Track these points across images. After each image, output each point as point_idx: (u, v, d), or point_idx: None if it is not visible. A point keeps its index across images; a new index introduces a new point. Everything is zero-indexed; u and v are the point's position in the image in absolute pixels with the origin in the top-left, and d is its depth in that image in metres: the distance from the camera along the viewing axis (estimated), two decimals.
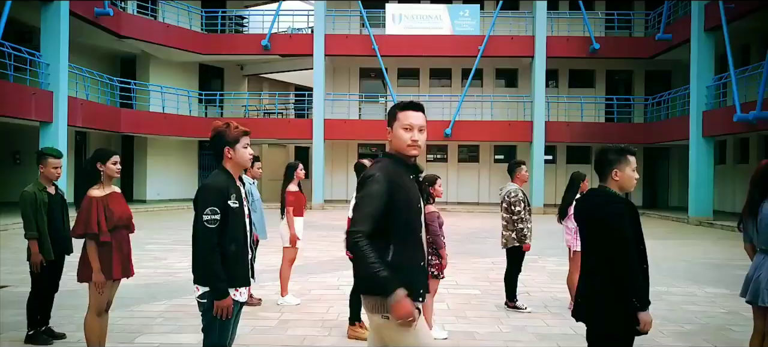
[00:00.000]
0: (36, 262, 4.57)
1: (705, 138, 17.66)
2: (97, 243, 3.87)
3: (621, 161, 3.03)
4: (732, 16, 16.02)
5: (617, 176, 3.03)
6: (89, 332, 3.96)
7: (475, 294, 7.09)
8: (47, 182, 4.79)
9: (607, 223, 2.98)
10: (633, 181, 3.05)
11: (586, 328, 3.17)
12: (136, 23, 20.23)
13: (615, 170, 3.04)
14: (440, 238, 5.02)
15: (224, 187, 2.91)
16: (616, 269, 2.92)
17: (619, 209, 2.96)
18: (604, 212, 3.02)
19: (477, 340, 5.16)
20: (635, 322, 2.87)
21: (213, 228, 2.82)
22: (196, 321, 5.41)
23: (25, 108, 14.45)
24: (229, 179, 2.98)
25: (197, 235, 2.84)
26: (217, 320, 2.89)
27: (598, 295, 2.99)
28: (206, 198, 2.87)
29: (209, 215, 2.81)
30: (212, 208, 2.82)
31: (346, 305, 5.59)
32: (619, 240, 2.92)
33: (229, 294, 2.89)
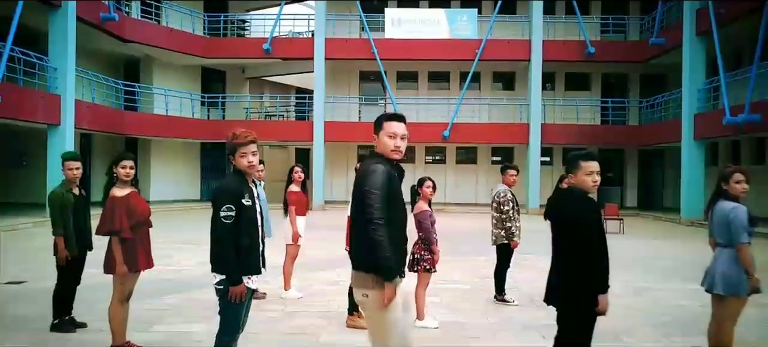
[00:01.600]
0: (62, 257, 4.99)
1: (696, 141, 18.09)
2: (120, 239, 4.28)
3: (575, 167, 3.45)
4: (722, 21, 16.44)
5: (572, 180, 3.44)
6: (113, 319, 4.38)
7: (467, 288, 7.50)
8: (71, 183, 5.18)
9: (573, 219, 3.39)
10: (588, 183, 3.44)
11: (556, 312, 3.57)
12: (140, 28, 20.65)
13: (571, 175, 3.45)
14: (432, 235, 5.42)
15: (238, 188, 3.31)
16: (580, 259, 3.33)
17: (583, 207, 3.37)
18: (571, 209, 3.43)
19: (466, 330, 5.56)
20: (595, 304, 3.27)
21: (229, 223, 3.22)
22: (205, 312, 5.85)
23: (34, 111, 14.87)
24: (242, 181, 3.38)
25: (215, 229, 3.25)
26: (231, 304, 3.30)
27: (565, 282, 3.40)
28: (223, 197, 3.27)
29: (225, 211, 3.21)
30: (228, 206, 3.22)
31: (345, 298, 6.01)
32: (583, 234, 3.33)
33: (243, 281, 3.30)
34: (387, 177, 2.96)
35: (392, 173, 3.02)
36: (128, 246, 4.33)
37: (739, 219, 4.06)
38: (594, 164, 3.51)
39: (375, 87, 24.95)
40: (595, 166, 3.51)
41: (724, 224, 4.16)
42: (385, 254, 2.86)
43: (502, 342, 5.22)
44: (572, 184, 3.51)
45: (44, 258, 9.53)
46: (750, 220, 4.09)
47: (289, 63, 24.67)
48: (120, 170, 4.44)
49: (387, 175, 2.96)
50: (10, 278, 7.84)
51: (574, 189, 3.51)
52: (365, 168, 3.05)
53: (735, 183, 4.23)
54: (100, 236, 4.51)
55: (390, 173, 2.99)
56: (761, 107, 14.85)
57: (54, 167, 15.77)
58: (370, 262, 2.94)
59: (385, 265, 2.88)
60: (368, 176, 2.97)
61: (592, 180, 3.47)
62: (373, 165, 3.01)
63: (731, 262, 4.09)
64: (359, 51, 22.79)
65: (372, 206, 2.90)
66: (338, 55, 22.81)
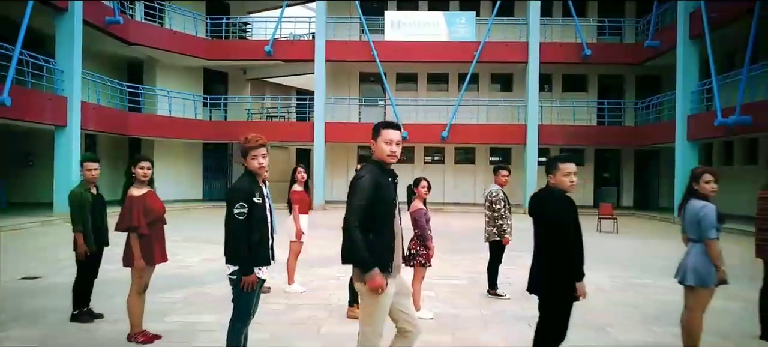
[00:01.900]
0: (81, 252, 5.35)
1: (690, 142, 18.43)
2: (138, 235, 4.64)
3: (554, 169, 3.80)
4: (714, 25, 16.79)
5: (552, 180, 3.79)
6: (131, 309, 4.75)
7: (462, 283, 7.86)
8: (89, 183, 5.54)
9: (553, 218, 3.74)
10: (566, 183, 3.80)
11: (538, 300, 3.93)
12: (144, 30, 20.99)
13: (551, 176, 3.80)
14: (426, 231, 5.78)
15: (249, 187, 3.67)
16: (559, 253, 3.69)
17: (560, 205, 3.72)
18: (551, 208, 3.79)
19: (459, 321, 5.92)
20: (573, 290, 3.62)
21: (241, 220, 3.58)
22: (213, 305, 6.23)
23: (42, 113, 15.23)
24: (253, 181, 3.73)
25: (229, 224, 3.61)
26: (244, 292, 3.66)
27: (545, 272, 3.75)
28: (236, 196, 3.63)
29: (238, 209, 3.57)
30: (241, 203, 3.58)
31: (344, 293, 6.37)
32: (562, 232, 3.68)
33: (254, 272, 3.66)
34: (371, 185, 3.29)
35: (380, 180, 3.33)
36: (145, 241, 4.70)
37: (708, 217, 4.42)
38: (571, 166, 3.86)
39: (375, 88, 25.30)
40: (572, 168, 3.85)
41: (694, 221, 4.52)
42: (358, 252, 3.21)
43: (492, 332, 5.58)
44: (552, 184, 3.86)
45: (55, 255, 9.95)
46: (718, 217, 4.45)
47: (290, 65, 24.97)
48: (138, 171, 4.80)
49: (371, 182, 3.29)
50: (26, 273, 8.18)
51: (554, 189, 3.86)
52: (354, 178, 3.41)
53: (705, 183, 4.58)
54: (118, 232, 4.87)
55: (376, 181, 3.32)
56: (752, 109, 15.20)
57: (61, 167, 16.17)
58: (348, 258, 3.31)
59: (359, 259, 3.24)
60: (352, 185, 3.35)
61: (569, 181, 3.82)
62: (359, 173, 3.38)
63: (701, 256, 4.45)
64: (359, 53, 23.14)
65: (349, 212, 3.27)
66: (338, 57, 23.16)
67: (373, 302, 3.29)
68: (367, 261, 3.22)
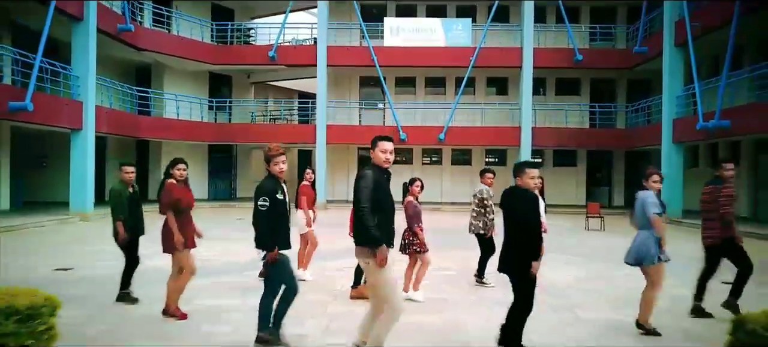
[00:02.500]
0: (122, 238, 6.24)
1: (675, 144, 19.29)
2: (175, 215, 5.52)
3: (521, 172, 4.66)
4: (697, 34, 17.65)
5: (520, 181, 4.66)
6: (170, 290, 5.61)
7: (454, 274, 8.72)
8: (126, 183, 6.42)
9: (521, 214, 4.60)
10: (531, 185, 4.66)
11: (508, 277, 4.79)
12: (153, 37, 21.86)
13: (518, 177, 4.66)
14: (413, 220, 6.66)
15: (272, 187, 4.58)
16: (524, 240, 4.55)
17: (529, 204, 4.58)
18: (519, 206, 4.64)
19: (446, 304, 6.79)
20: (529, 268, 4.49)
21: (264, 211, 4.49)
22: (231, 292, 7.13)
23: (60, 117, 16.10)
24: (276, 182, 4.62)
25: (256, 216, 4.51)
26: (273, 269, 4.60)
27: (515, 256, 4.61)
28: (260, 193, 4.55)
29: (262, 202, 4.47)
30: (264, 198, 4.48)
31: (348, 280, 7.23)
32: (526, 224, 4.55)
33: (275, 248, 4.59)
34: (374, 180, 4.22)
35: (379, 178, 4.28)
36: (181, 227, 5.57)
37: (649, 199, 5.36)
38: (536, 171, 4.73)
39: (374, 92, 26.16)
40: (536, 173, 4.72)
41: (640, 209, 5.43)
42: (371, 231, 4.14)
43: (476, 314, 6.43)
44: (519, 184, 4.72)
45: (81, 249, 10.83)
46: (660, 202, 5.38)
47: (292, 69, 25.87)
48: (176, 172, 5.69)
49: (374, 179, 4.23)
50: (57, 266, 9.04)
51: (519, 189, 4.72)
52: (359, 175, 4.32)
53: (653, 182, 5.47)
54: (162, 214, 5.76)
55: (377, 179, 4.25)
56: (731, 114, 16.07)
57: (77, 168, 17.03)
58: (363, 238, 4.20)
59: (372, 237, 4.15)
60: (359, 180, 4.28)
61: (533, 183, 4.69)
62: (363, 172, 4.30)
63: (644, 239, 5.40)
64: (359, 58, 24.01)
65: (361, 200, 4.19)
66: (339, 62, 24.03)
67: (382, 272, 4.18)
68: (378, 239, 4.15)
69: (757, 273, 6.54)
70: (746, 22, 15.92)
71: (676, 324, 5.93)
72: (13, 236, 12.98)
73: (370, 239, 4.16)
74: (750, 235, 14.38)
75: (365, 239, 4.21)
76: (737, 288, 6.08)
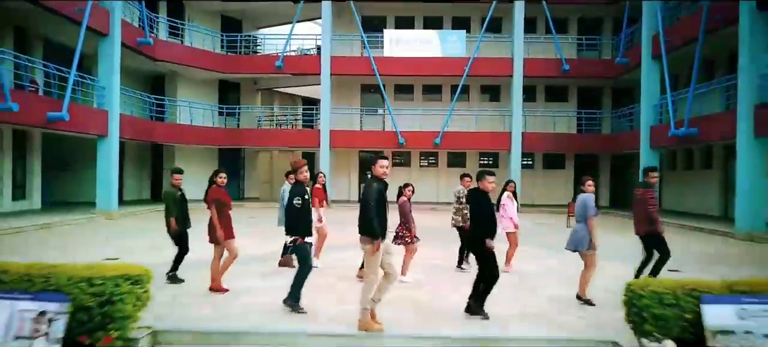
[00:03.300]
0: (173, 231, 7.85)
1: (652, 149, 20.88)
2: (218, 211, 7.13)
3: (482, 178, 6.27)
4: (670, 47, 19.25)
5: (481, 185, 6.27)
6: (213, 270, 7.25)
7: (439, 263, 10.31)
8: (175, 187, 8.04)
9: (482, 209, 6.22)
10: (489, 188, 6.27)
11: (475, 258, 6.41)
12: (168, 48, 23.48)
13: (480, 182, 6.28)
14: (409, 217, 8.26)
15: (301, 190, 6.19)
16: (484, 225, 6.17)
17: (487, 202, 6.20)
18: (483, 204, 6.26)
19: (431, 284, 8.39)
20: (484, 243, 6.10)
21: (297, 207, 6.08)
22: (255, 277, 8.72)
23: (89, 125, 17.71)
24: (302, 187, 6.24)
25: (290, 211, 6.11)
26: (301, 250, 6.21)
27: (474, 235, 6.24)
28: (294, 194, 6.16)
29: (297, 200, 6.08)
30: (298, 199, 6.07)
31: (353, 269, 8.81)
32: (487, 218, 6.17)
33: (304, 236, 6.19)
34: (377, 190, 5.79)
35: (380, 187, 5.85)
36: (224, 222, 7.18)
37: (589, 203, 6.94)
38: (493, 177, 6.36)
39: (375, 99, 27.76)
40: (493, 179, 6.35)
41: (581, 208, 7.02)
42: (374, 228, 5.70)
43: (456, 292, 8.01)
44: (481, 187, 6.33)
45: (121, 243, 12.42)
46: (595, 205, 6.99)
47: (297, 77, 27.45)
48: (218, 179, 7.30)
49: (377, 189, 5.80)
50: (105, 257, 10.64)
51: (480, 190, 6.34)
52: (367, 185, 5.90)
53: (588, 186, 7.07)
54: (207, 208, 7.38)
55: (379, 188, 5.83)
56: (698, 122, 17.66)
57: (102, 170, 18.63)
58: (367, 230, 5.79)
59: (374, 232, 5.72)
60: (367, 189, 5.85)
61: (491, 186, 6.31)
62: (370, 183, 5.88)
63: (579, 231, 6.98)
64: (361, 67, 25.62)
65: (369, 204, 5.76)
66: (342, 71, 25.64)
67: (374, 257, 5.78)
68: (378, 234, 5.74)
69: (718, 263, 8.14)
70: (710, 40, 17.50)
71: (612, 298, 7.53)
72: (52, 232, 14.60)
73: (372, 233, 5.74)
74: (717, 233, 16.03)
75: (368, 232, 5.79)
76: (656, 269, 7.68)
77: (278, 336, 5.71)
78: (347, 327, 5.94)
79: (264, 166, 31.16)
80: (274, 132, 27.74)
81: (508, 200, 9.44)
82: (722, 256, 12.15)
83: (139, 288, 5.33)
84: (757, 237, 14.45)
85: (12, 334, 4.94)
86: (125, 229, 15.55)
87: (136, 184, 25.72)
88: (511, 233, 9.46)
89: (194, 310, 6.70)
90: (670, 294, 5.07)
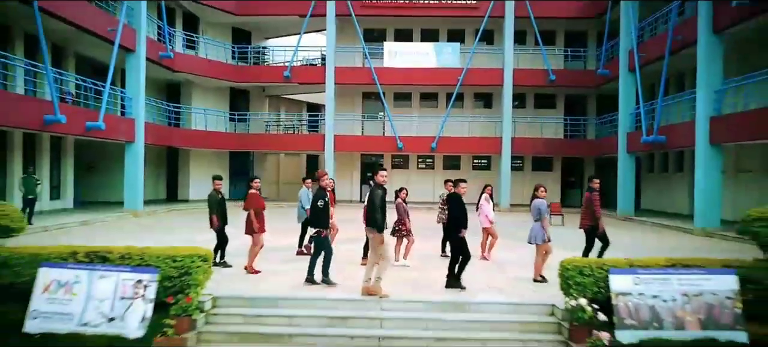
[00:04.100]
0: (216, 226, 9.86)
1: (628, 153, 22.88)
2: (254, 212, 9.15)
3: (457, 185, 8.29)
4: (642, 63, 21.25)
5: (456, 190, 8.29)
6: (251, 255, 9.26)
7: (430, 253, 12.28)
8: (217, 190, 10.03)
9: (452, 203, 8.24)
10: (462, 192, 8.29)
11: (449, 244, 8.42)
12: (186, 60, 25.47)
13: (456, 188, 8.30)
14: (404, 216, 10.27)
15: (323, 194, 8.19)
16: (458, 219, 8.18)
17: (461, 204, 8.22)
18: (456, 204, 8.27)
19: (422, 267, 10.38)
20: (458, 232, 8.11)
21: (321, 207, 8.09)
22: (278, 262, 10.71)
23: (119, 132, 19.71)
24: (323, 191, 8.25)
25: (314, 209, 8.12)
26: (323, 241, 8.21)
27: (450, 226, 8.26)
28: (318, 196, 8.18)
29: (321, 202, 8.10)
30: (321, 199, 8.08)
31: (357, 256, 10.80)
32: (458, 213, 8.18)
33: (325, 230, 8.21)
34: (381, 195, 7.78)
35: (382, 193, 7.84)
36: (259, 219, 9.18)
37: (542, 207, 8.93)
38: (465, 184, 8.38)
39: (375, 106, 29.72)
40: (465, 185, 8.37)
41: (535, 211, 9.02)
42: (380, 223, 7.69)
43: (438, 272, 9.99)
44: (456, 191, 8.34)
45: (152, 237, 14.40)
46: (546, 208, 8.98)
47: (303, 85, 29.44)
48: (254, 184, 9.29)
49: (381, 193, 7.79)
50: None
51: (455, 193, 8.35)
52: (372, 190, 7.91)
53: (540, 193, 9.08)
54: (245, 210, 9.37)
55: (381, 194, 7.81)
56: (666, 130, 19.66)
57: (130, 173, 20.62)
58: (374, 225, 7.79)
59: (379, 226, 7.71)
60: (373, 193, 7.85)
61: (463, 191, 8.33)
62: (376, 190, 7.87)
63: (534, 229, 9.00)
64: (362, 77, 27.63)
65: (375, 204, 7.74)
66: (345, 81, 27.64)
67: (382, 245, 7.78)
68: (382, 228, 7.73)
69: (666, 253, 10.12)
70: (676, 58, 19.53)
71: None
72: (92, 228, 16.61)
73: (378, 227, 7.74)
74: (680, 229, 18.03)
75: (375, 226, 7.78)
76: (600, 255, 9.68)
77: (306, 301, 7.74)
78: (353, 294, 7.95)
79: (271, 168, 33.17)
80: (281, 137, 29.79)
81: (485, 201, 11.40)
82: (673, 248, 14.11)
83: (205, 264, 7.36)
84: (714, 233, 16.41)
85: (118, 295, 6.97)
86: (153, 226, 17.54)
87: (153, 185, 27.70)
88: (486, 227, 11.37)
89: (237, 284, 8.71)
90: (587, 268, 7.08)
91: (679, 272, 6.94)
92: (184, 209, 23.83)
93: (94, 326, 6.82)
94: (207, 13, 27.39)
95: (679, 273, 6.93)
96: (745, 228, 7.29)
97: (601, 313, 6.75)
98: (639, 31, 22.34)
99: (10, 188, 17.69)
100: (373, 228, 7.79)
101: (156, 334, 6.67)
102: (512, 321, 7.37)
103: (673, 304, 6.73)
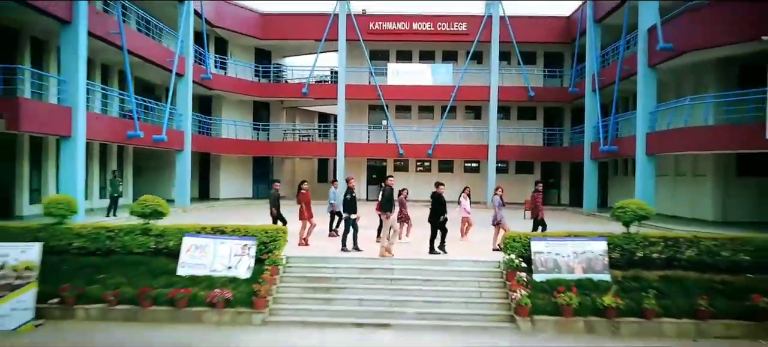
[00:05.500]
0: (274, 215, 14.36)
1: (591, 160, 27.39)
2: (306, 204, 13.68)
3: (438, 187, 12.80)
4: (602, 85, 25.75)
5: (438, 190, 12.79)
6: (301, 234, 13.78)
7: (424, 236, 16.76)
8: (275, 190, 14.54)
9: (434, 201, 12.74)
10: (443, 192, 12.79)
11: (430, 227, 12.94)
12: (219, 79, 29.95)
13: (437, 189, 12.81)
14: (405, 208, 14.76)
15: (352, 192, 12.74)
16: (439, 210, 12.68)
17: (442, 201, 12.72)
18: (438, 201, 12.77)
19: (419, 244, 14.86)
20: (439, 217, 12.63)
21: (349, 199, 12.62)
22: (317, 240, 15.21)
23: (173, 142, 24.18)
24: (352, 190, 12.78)
25: (346, 201, 12.63)
26: (353, 223, 12.77)
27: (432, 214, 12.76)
28: (348, 193, 12.71)
29: (349, 195, 12.62)
30: (351, 194, 12.61)
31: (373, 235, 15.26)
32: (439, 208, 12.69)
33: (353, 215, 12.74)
34: (389, 192, 12.34)
35: (391, 191, 12.38)
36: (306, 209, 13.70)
37: (496, 201, 13.44)
38: (443, 186, 12.91)
39: (380, 117, 34.23)
40: (444, 188, 12.88)
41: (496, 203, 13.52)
42: (390, 206, 12.26)
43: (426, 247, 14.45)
44: (437, 191, 12.82)
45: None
46: (502, 203, 13.50)
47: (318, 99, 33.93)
48: (303, 186, 13.84)
49: (389, 190, 12.35)
50: None
51: (437, 192, 12.85)
52: (384, 189, 12.47)
53: (498, 191, 13.59)
54: (297, 203, 13.89)
55: (390, 191, 12.37)
56: (618, 142, 24.16)
57: (180, 175, 25.10)
58: (386, 208, 12.33)
59: (390, 209, 12.27)
60: (385, 191, 12.46)
61: (442, 191, 12.84)
62: (386, 189, 12.44)
63: (495, 217, 13.47)
64: (369, 93, 32.16)
65: (386, 196, 12.30)
66: (354, 96, 32.16)
67: (390, 221, 12.32)
68: (391, 209, 12.29)
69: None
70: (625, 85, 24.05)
71: None
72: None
73: (389, 209, 12.24)
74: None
75: (387, 209, 12.28)
76: None
77: (344, 259, 12.25)
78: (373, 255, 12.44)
79: (288, 170, 37.67)
80: (300, 144, 34.33)
81: (464, 198, 15.82)
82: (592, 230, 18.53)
83: (285, 235, 11.87)
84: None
85: (233, 253, 11.46)
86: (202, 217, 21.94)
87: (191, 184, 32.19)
88: (464, 216, 15.79)
89: (297, 252, 13.19)
90: (518, 238, 11.57)
91: (572, 240, 11.44)
92: (219, 205, 28.28)
93: (219, 272, 11.31)
94: (235, 38, 31.88)
95: (573, 240, 11.43)
96: (614, 213, 11.76)
97: (524, 263, 11.23)
98: (603, 56, 26.83)
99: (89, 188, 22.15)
100: (385, 211, 12.29)
101: (257, 277, 11.15)
102: (474, 271, 11.84)
103: (567, 258, 11.23)
